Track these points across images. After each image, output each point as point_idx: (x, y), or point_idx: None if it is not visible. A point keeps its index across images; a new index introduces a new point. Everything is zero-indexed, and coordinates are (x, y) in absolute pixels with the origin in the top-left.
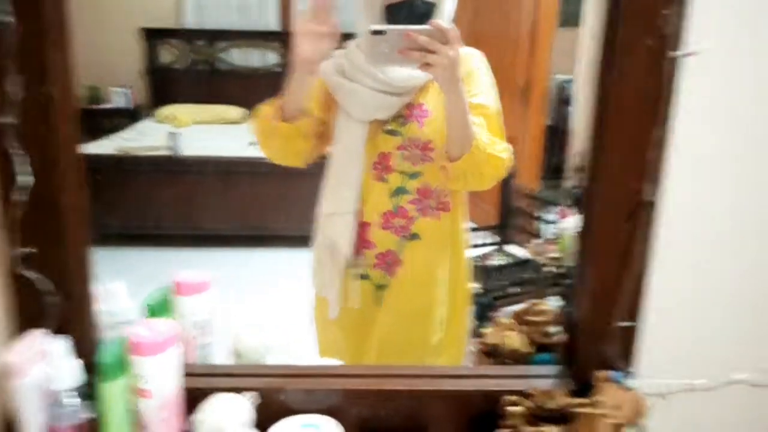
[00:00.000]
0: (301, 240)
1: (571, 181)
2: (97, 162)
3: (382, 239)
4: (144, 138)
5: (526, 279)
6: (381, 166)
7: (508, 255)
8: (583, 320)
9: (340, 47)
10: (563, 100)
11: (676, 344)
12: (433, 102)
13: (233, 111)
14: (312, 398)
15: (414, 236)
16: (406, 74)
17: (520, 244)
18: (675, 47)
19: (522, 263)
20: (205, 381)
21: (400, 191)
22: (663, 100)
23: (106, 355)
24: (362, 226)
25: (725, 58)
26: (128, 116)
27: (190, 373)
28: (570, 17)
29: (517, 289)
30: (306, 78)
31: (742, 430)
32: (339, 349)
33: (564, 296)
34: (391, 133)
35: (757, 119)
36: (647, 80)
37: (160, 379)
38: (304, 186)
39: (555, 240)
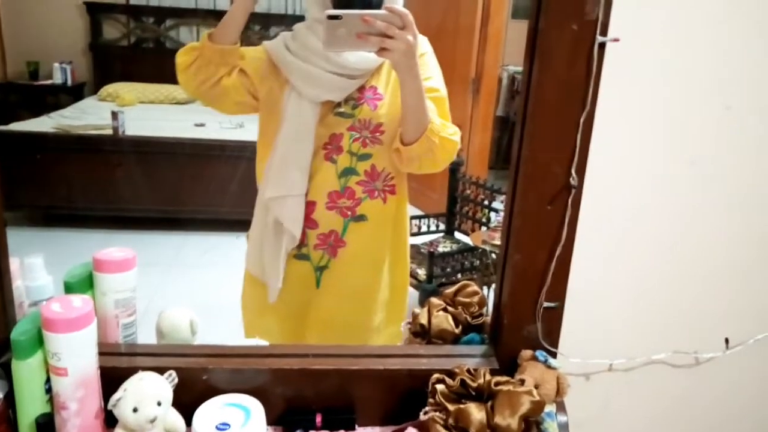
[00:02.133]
0: (241, 224)
1: None
2: (36, 140)
3: (326, 219)
4: (86, 116)
5: (471, 266)
6: (332, 146)
7: (456, 242)
8: (508, 301)
9: (288, 30)
10: (514, 90)
11: (598, 325)
12: (384, 85)
13: (180, 91)
14: (236, 378)
15: (360, 217)
16: (361, 57)
17: (468, 231)
18: (600, 33)
19: (468, 250)
20: (125, 360)
21: (348, 171)
22: (588, 85)
23: (18, 331)
24: (307, 206)
25: (646, 44)
26: (70, 93)
27: (110, 352)
28: (522, 9)
29: (462, 276)
30: (243, 3)
31: (660, 409)
32: (272, 333)
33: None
34: (342, 115)
35: (676, 105)
36: (572, 65)
37: (75, 357)
38: (247, 169)
39: (500, 228)
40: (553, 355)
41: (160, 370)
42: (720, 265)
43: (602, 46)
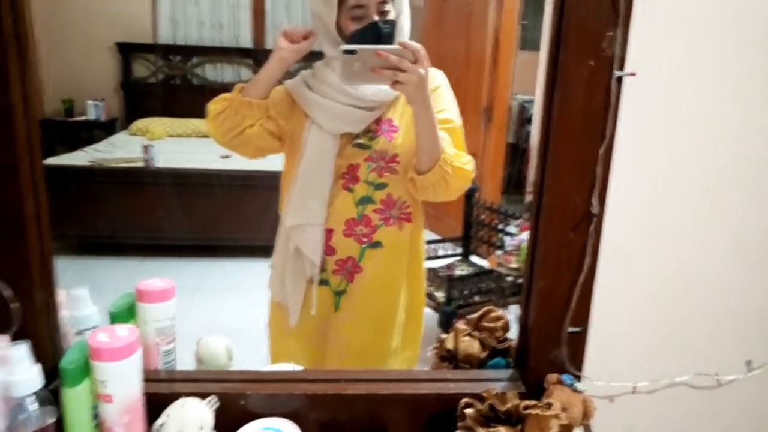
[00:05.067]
0: (264, 250)
1: (530, 195)
2: (72, 173)
3: (343, 246)
4: (117, 150)
5: (488, 288)
6: (349, 176)
7: (472, 265)
8: (534, 326)
9: (307, 67)
10: (524, 119)
11: (622, 349)
12: (399, 117)
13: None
14: (273, 403)
15: (376, 244)
16: (376, 89)
17: (483, 255)
18: (617, 67)
19: (484, 273)
20: (167, 386)
21: (365, 200)
22: (606, 117)
23: (67, 360)
24: (325, 233)
25: (663, 79)
26: (103, 129)
27: (152, 378)
28: (530, 41)
29: (480, 298)
30: (277, 65)
31: (683, 431)
32: (295, 356)
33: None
34: (361, 146)
35: (692, 135)
36: (591, 99)
37: (121, 384)
38: (271, 197)
39: (515, 251)
40: (579, 378)
41: (201, 396)
42: (740, 287)
43: (619, 79)
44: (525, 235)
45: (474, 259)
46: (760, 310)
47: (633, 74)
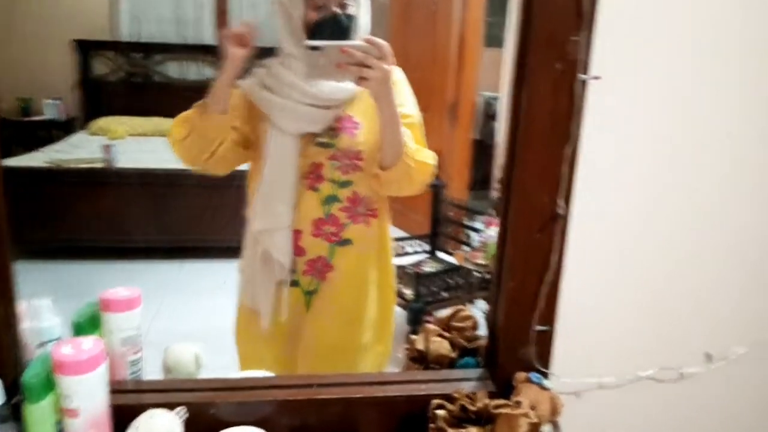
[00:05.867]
0: (230, 251)
1: (496, 192)
2: (29, 175)
3: (313, 246)
4: (77, 150)
5: (456, 284)
6: (313, 175)
7: (440, 262)
8: (502, 326)
9: (260, 65)
10: (489, 115)
11: (588, 345)
12: (361, 113)
13: (169, 123)
14: (243, 410)
15: (346, 242)
16: (334, 87)
17: (450, 251)
18: (582, 71)
19: (452, 270)
20: (134, 397)
21: (331, 199)
22: (572, 119)
23: (30, 374)
24: (293, 234)
25: (626, 81)
26: (61, 128)
27: (118, 389)
28: (494, 38)
29: (448, 294)
30: (233, 73)
31: (649, 424)
32: (265, 360)
33: (490, 300)
34: (323, 145)
35: (655, 137)
36: (557, 101)
37: (86, 398)
38: (238, 197)
39: (482, 248)
40: (546, 375)
41: (169, 406)
42: (701, 283)
43: (584, 82)
44: (491, 231)
45: (441, 255)
46: (719, 305)
47: (597, 78)
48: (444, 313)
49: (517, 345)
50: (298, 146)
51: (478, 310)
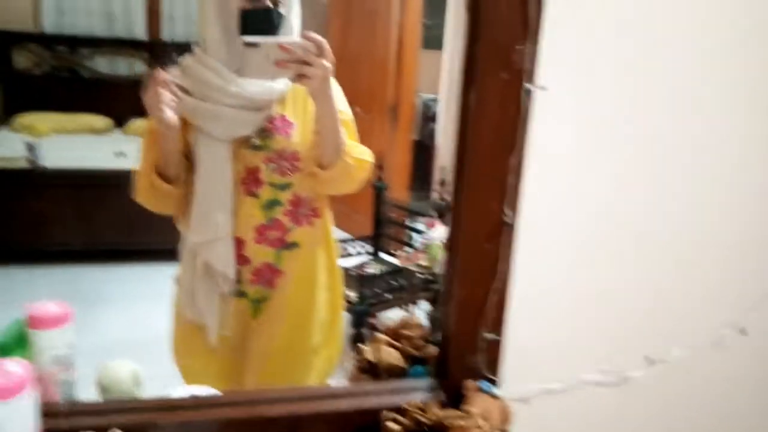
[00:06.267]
0: (167, 254)
1: (436, 193)
2: None
3: (257, 253)
4: None
5: (398, 286)
6: (249, 180)
7: (383, 263)
8: (452, 334)
9: (177, 63)
10: (428, 117)
11: (534, 352)
12: (293, 112)
13: (98, 120)
14: (186, 431)
15: (292, 245)
16: (262, 87)
17: (392, 252)
18: (528, 80)
19: (395, 271)
20: (66, 422)
21: (273, 203)
22: (518, 129)
23: None
24: (235, 243)
25: (571, 92)
26: None
27: (50, 412)
28: (433, 40)
29: (391, 296)
30: (171, 132)
31: (593, 426)
32: (211, 374)
33: (432, 301)
34: (257, 147)
35: (599, 146)
36: (503, 111)
37: (14, 425)
38: None
39: (424, 249)
40: (495, 383)
41: (104, 429)
42: (642, 287)
43: (531, 92)
44: (433, 233)
45: (384, 257)
46: (661, 306)
47: (544, 88)
48: (391, 320)
49: (467, 353)
50: (230, 150)
51: (421, 311)
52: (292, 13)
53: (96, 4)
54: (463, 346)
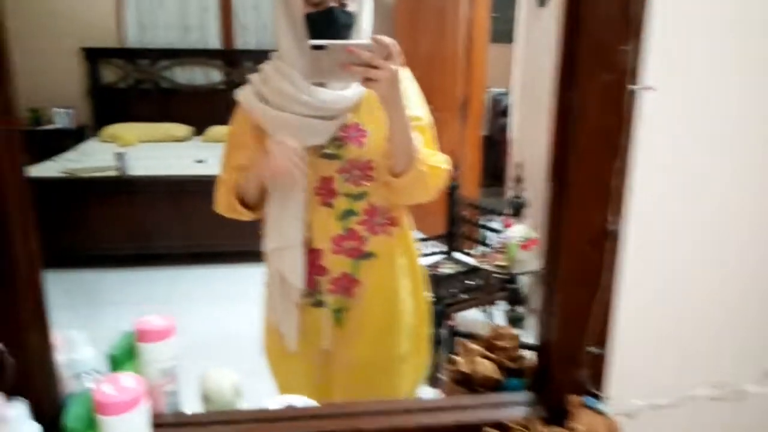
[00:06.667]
0: (253, 255)
1: (511, 190)
2: (43, 185)
3: (335, 264)
4: (89, 158)
5: (475, 286)
6: (324, 190)
7: (457, 263)
8: (554, 347)
9: (256, 70)
10: (498, 111)
11: (641, 366)
12: (366, 120)
13: (179, 129)
14: None
15: (369, 255)
16: (336, 96)
17: (467, 251)
18: (632, 81)
19: (471, 271)
20: None
21: (347, 214)
22: (622, 132)
23: (72, 417)
24: (313, 254)
25: (681, 93)
26: (72, 137)
27: (159, 423)
28: (501, 34)
29: (467, 296)
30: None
31: None
32: (298, 379)
33: (511, 301)
34: (330, 156)
35: (711, 149)
36: (606, 113)
37: None
38: None
39: (501, 249)
40: (600, 398)
41: None
42: (761, 300)
43: (635, 93)
44: (510, 232)
45: (458, 256)
46: None
47: (649, 88)
48: (469, 321)
49: (570, 367)
50: (304, 159)
51: (500, 311)
52: (364, 13)
53: (174, 17)
54: (565, 360)
